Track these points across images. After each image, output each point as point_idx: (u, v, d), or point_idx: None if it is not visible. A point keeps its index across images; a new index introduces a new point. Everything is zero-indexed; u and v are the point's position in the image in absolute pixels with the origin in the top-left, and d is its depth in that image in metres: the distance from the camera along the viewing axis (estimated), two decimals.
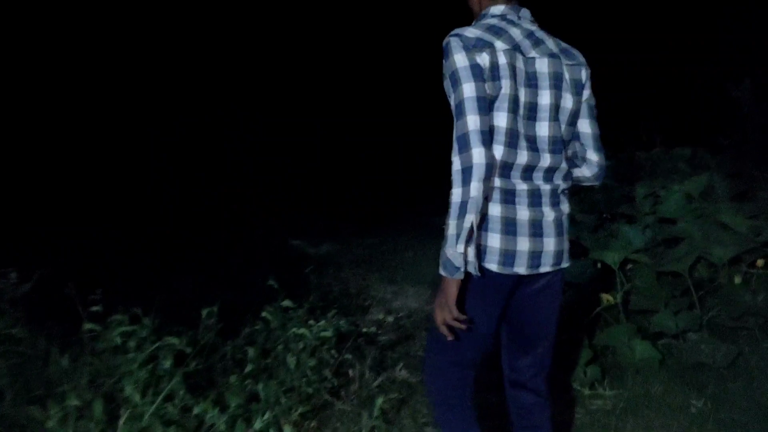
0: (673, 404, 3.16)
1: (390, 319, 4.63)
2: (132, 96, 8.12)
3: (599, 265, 4.17)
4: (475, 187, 1.75)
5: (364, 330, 3.65)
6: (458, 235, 1.76)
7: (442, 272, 1.83)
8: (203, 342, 3.55)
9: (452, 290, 1.82)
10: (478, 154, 1.75)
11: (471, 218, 1.75)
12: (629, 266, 4.11)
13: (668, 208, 4.47)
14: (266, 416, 2.66)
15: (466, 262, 1.80)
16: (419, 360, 4.10)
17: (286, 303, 3.96)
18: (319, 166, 8.60)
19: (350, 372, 3.60)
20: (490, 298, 1.95)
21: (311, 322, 3.18)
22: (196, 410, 2.68)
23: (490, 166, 1.77)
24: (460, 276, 1.81)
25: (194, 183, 7.63)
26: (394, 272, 6.02)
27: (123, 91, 8.19)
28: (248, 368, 3.27)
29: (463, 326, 1.87)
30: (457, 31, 1.86)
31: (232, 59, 8.92)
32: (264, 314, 3.24)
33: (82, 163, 7.42)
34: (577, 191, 5.97)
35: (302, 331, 2.99)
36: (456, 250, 1.77)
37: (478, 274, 1.85)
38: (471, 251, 1.81)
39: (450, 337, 1.89)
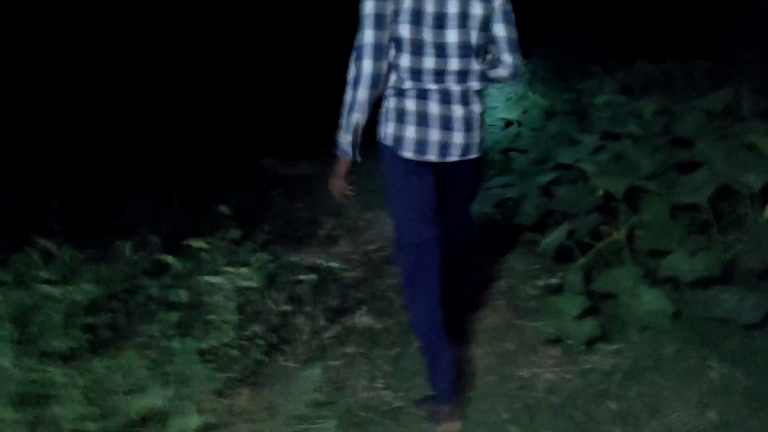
0: (687, 368, 2.56)
1: (356, 254, 4.04)
2: (132, 96, 8.16)
3: (601, 193, 3.52)
4: (362, 92, 2.06)
5: (303, 274, 2.99)
6: (346, 128, 2.11)
7: (336, 152, 2.21)
8: (117, 285, 2.95)
9: (341, 167, 2.23)
10: (368, 65, 2.04)
11: (356, 116, 2.09)
12: (637, 196, 3.46)
13: (684, 127, 3.79)
14: (171, 390, 2.05)
15: (353, 149, 2.16)
16: (387, 302, 3.52)
17: (232, 234, 3.37)
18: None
19: (299, 321, 3.01)
20: (412, 179, 2.24)
21: (229, 268, 2.53)
22: (84, 378, 2.07)
23: (377, 77, 2.07)
24: (348, 158, 2.18)
25: (194, 183, 7.41)
26: (372, 196, 5.28)
27: (123, 92, 8.20)
28: (172, 317, 2.67)
29: (350, 193, 2.29)
30: None
31: (233, 59, 9.03)
32: (168, 259, 2.58)
33: (82, 163, 7.00)
34: (579, 110, 5.28)
35: (217, 279, 2.35)
36: (344, 140, 2.14)
37: (360, 159, 2.19)
38: (356, 142, 2.15)
39: (342, 200, 2.34)
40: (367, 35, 2.04)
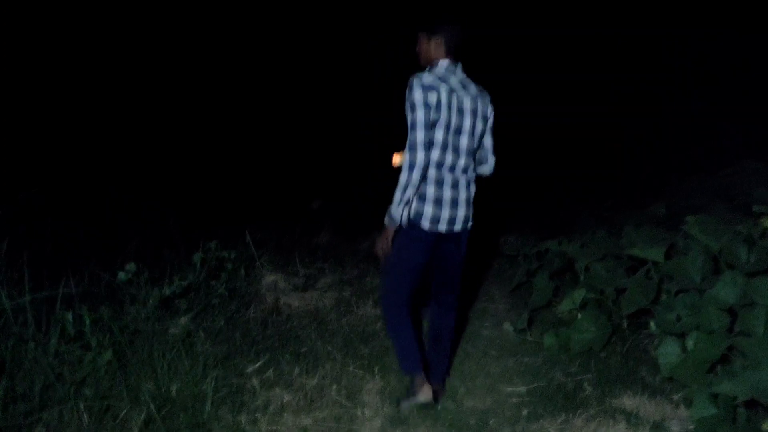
0: None
1: None
2: (132, 96, 8.43)
3: None
4: (416, 175, 2.90)
5: None
6: (400, 202, 2.93)
7: (386, 222, 3.00)
8: None
9: (389, 233, 3.02)
10: (420, 155, 2.90)
11: (410, 192, 2.92)
12: None
13: None
14: None
15: (401, 219, 2.99)
16: None
17: None
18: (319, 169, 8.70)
19: None
20: (421, 245, 3.08)
21: None
22: None
23: (426, 164, 2.92)
24: (395, 225, 2.99)
25: (194, 183, 7.81)
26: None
27: (123, 92, 8.45)
28: None
29: (390, 253, 3.04)
30: (418, 74, 2.95)
31: (232, 60, 9.43)
32: None
33: (82, 163, 7.39)
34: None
35: None
36: (397, 211, 2.94)
37: (406, 227, 3.02)
38: (405, 213, 3.00)
39: (383, 261, 3.09)
40: (419, 135, 2.89)
